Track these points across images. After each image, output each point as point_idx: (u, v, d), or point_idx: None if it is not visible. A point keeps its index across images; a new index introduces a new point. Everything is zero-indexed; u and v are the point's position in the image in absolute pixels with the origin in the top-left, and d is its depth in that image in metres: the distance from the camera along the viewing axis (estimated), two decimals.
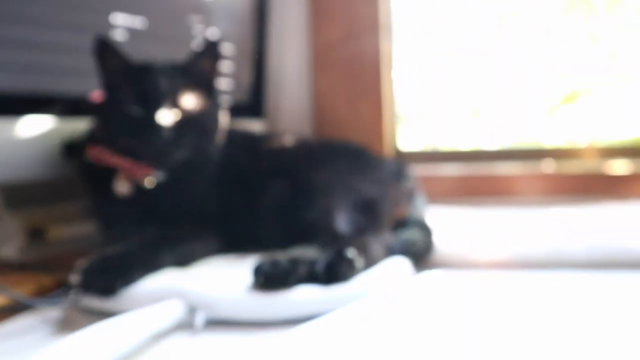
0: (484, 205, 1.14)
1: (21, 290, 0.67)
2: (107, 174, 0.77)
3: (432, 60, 1.59)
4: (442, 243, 0.81)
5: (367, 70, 1.19)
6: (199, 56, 0.79)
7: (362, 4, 1.18)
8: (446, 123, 1.62)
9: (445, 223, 0.85)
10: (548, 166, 1.23)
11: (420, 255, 0.75)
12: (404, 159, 1.22)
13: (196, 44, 1.01)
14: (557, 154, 1.28)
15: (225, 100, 0.89)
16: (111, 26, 0.91)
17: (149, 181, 0.76)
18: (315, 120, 1.23)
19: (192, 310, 0.58)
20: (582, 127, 1.51)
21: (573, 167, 1.22)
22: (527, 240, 0.83)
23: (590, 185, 1.16)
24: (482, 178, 1.20)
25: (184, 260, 0.70)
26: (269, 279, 0.59)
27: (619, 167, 1.18)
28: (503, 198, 1.18)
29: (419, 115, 1.57)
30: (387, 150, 1.22)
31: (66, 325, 0.61)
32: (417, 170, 0.94)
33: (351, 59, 1.20)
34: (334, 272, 0.61)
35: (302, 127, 1.23)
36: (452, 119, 1.61)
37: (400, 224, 0.81)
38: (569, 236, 0.83)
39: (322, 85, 1.22)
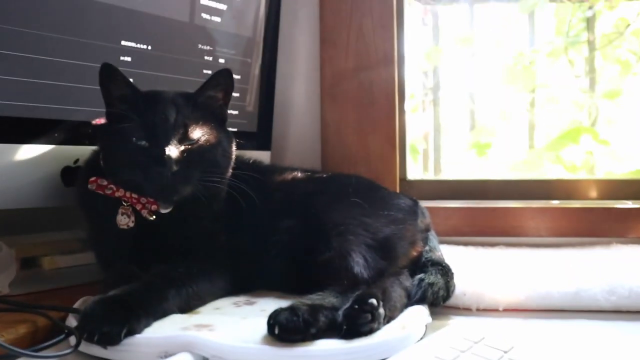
0: (491, 241, 1.11)
1: (14, 333, 0.62)
2: (109, 205, 0.73)
3: (440, 92, 1.59)
4: (461, 285, 0.77)
5: (379, 102, 1.17)
6: (210, 86, 0.76)
7: (376, 36, 1.16)
8: (452, 156, 1.61)
9: (458, 263, 0.81)
10: (553, 202, 1.21)
11: (441, 299, 0.72)
12: (412, 190, 1.19)
13: (208, 73, 0.98)
14: (562, 189, 1.26)
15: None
16: (118, 55, 0.87)
17: (153, 214, 0.72)
18: (322, 151, 1.20)
19: None
20: (585, 163, 1.51)
21: (578, 203, 1.20)
22: (545, 282, 0.80)
23: (596, 222, 1.14)
24: (488, 211, 1.17)
25: (191, 303, 0.66)
26: (287, 330, 0.54)
27: (625, 203, 1.16)
28: (510, 233, 1.15)
29: (427, 147, 1.56)
30: (395, 182, 1.19)
31: None
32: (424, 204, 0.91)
33: (362, 90, 1.17)
34: (355, 324, 0.57)
35: (309, 158, 1.20)
36: (458, 151, 1.60)
37: (416, 264, 0.77)
38: (587, 279, 0.80)
39: (331, 116, 1.19)
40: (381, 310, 0.59)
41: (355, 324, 0.57)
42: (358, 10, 1.17)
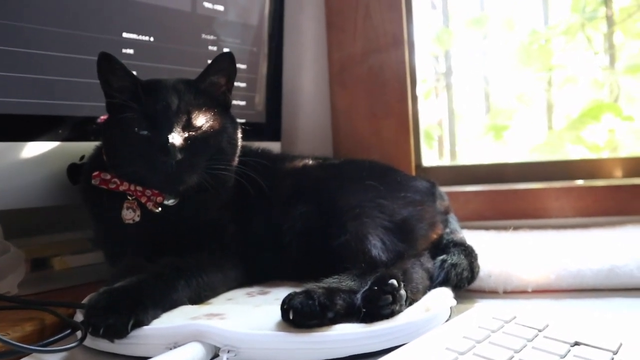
0: (514, 224, 1.06)
1: (20, 331, 0.60)
2: (114, 200, 0.70)
3: (453, 77, 1.54)
4: (486, 267, 0.73)
5: (391, 86, 1.13)
6: (212, 71, 0.73)
7: (385, 18, 1.12)
8: (468, 141, 1.56)
9: (481, 246, 0.77)
10: (578, 182, 1.16)
11: (466, 280, 0.68)
12: (428, 177, 1.15)
13: (210, 59, 0.95)
14: (585, 169, 1.21)
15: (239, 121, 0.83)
16: (120, 47, 0.85)
17: (159, 207, 0.69)
18: (333, 139, 1.16)
19: (214, 353, 0.51)
20: (608, 142, 1.45)
21: (604, 182, 1.14)
22: (577, 261, 0.75)
23: (625, 200, 1.08)
24: (509, 193, 1.12)
25: (202, 294, 0.63)
26: (303, 314, 0.51)
27: None
28: (533, 215, 1.10)
29: (441, 134, 1.51)
30: (410, 168, 1.15)
31: None
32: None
33: (373, 75, 1.13)
34: (375, 306, 0.53)
35: (320, 147, 1.16)
36: (474, 137, 1.55)
37: (437, 246, 0.73)
38: (621, 255, 0.75)
39: (341, 102, 1.15)
40: (402, 292, 0.55)
41: (376, 306, 0.53)
42: None
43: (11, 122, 0.74)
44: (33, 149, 0.77)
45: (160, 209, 0.70)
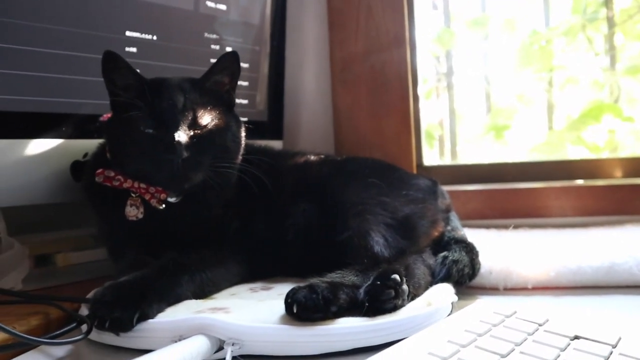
0: (514, 223, 1.07)
1: (26, 325, 0.61)
2: (117, 197, 0.71)
3: (454, 77, 1.55)
4: (487, 264, 0.74)
5: (392, 85, 1.13)
6: (217, 70, 0.73)
7: (387, 18, 1.13)
8: (469, 141, 1.57)
9: (482, 244, 0.78)
10: (578, 181, 1.17)
11: (467, 277, 0.68)
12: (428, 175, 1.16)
13: (215, 58, 0.96)
14: (585, 169, 1.21)
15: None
16: (123, 45, 0.86)
17: (162, 204, 0.70)
18: (335, 138, 1.17)
19: (218, 346, 0.51)
20: (609, 143, 1.46)
21: (604, 181, 1.15)
22: (577, 258, 0.76)
23: (625, 200, 1.09)
24: (509, 192, 1.13)
25: (206, 289, 0.64)
26: (307, 308, 0.52)
27: None
28: (533, 214, 1.11)
29: (442, 134, 1.52)
30: (411, 167, 1.15)
31: None
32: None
33: (374, 73, 1.14)
34: (377, 300, 0.54)
35: (322, 145, 1.17)
36: (475, 137, 1.56)
37: (439, 244, 0.74)
38: (621, 253, 0.76)
39: (343, 101, 1.16)
40: (405, 287, 0.56)
41: (378, 301, 0.54)
42: None
43: (15, 119, 0.75)
44: (37, 147, 0.77)
45: (163, 205, 0.70)
